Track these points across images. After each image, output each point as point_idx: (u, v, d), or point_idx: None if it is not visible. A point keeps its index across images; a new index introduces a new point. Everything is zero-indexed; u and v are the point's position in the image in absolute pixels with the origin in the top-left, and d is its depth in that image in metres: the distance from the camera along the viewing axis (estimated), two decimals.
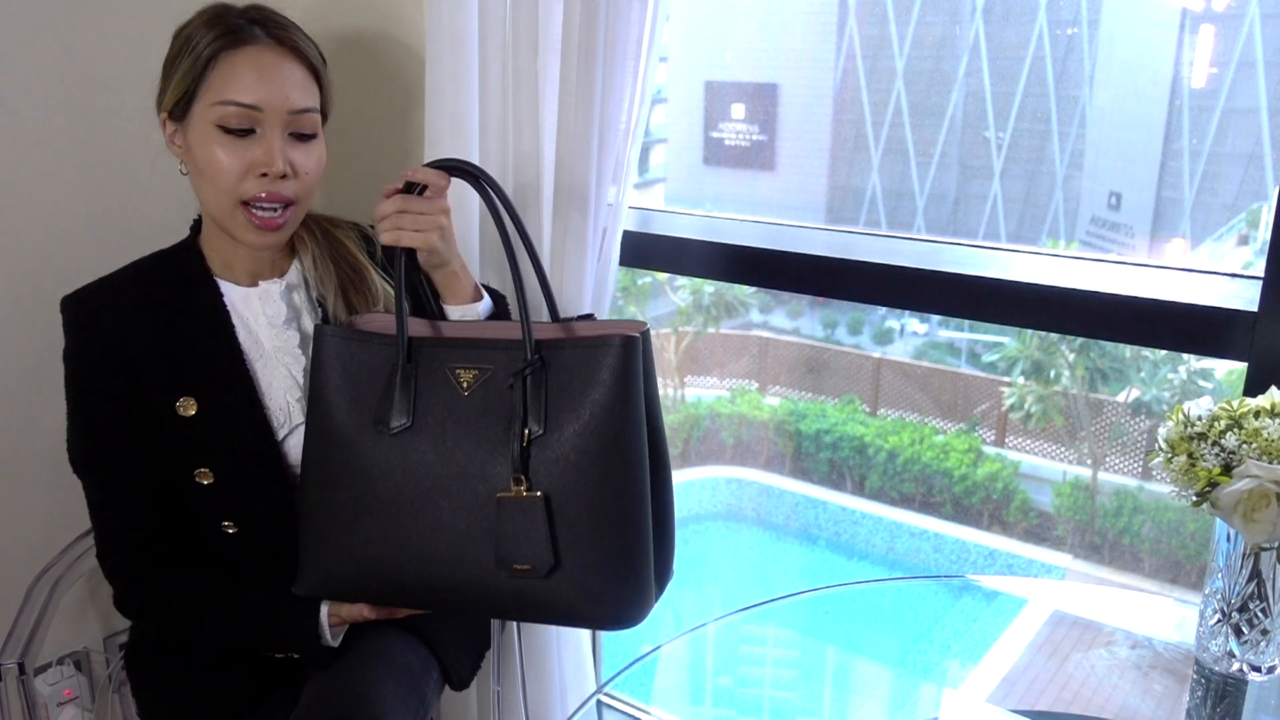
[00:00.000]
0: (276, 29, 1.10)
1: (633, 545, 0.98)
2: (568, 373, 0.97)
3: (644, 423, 0.98)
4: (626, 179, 1.31)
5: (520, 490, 0.95)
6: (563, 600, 0.98)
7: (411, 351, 1.00)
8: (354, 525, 1.00)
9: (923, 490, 7.83)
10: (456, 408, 0.98)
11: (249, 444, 1.14)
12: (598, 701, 1.15)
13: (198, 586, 1.13)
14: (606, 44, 1.21)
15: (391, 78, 1.56)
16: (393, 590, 1.03)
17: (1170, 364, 7.05)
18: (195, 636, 1.16)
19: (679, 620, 1.35)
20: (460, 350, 1.00)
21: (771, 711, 1.41)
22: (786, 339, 8.94)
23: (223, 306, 1.16)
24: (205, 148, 1.08)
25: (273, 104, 1.08)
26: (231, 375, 1.14)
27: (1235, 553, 0.95)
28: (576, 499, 0.96)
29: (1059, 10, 7.27)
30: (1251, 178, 6.52)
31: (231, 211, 1.10)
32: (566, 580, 0.97)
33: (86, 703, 1.54)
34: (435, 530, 0.98)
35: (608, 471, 0.96)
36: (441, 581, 1.00)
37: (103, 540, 1.15)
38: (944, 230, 7.90)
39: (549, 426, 0.96)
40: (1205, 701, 1.01)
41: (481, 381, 0.98)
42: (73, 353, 1.13)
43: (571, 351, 0.97)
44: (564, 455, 0.96)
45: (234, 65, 1.07)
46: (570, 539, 0.96)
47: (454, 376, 0.99)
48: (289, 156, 1.09)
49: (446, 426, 0.98)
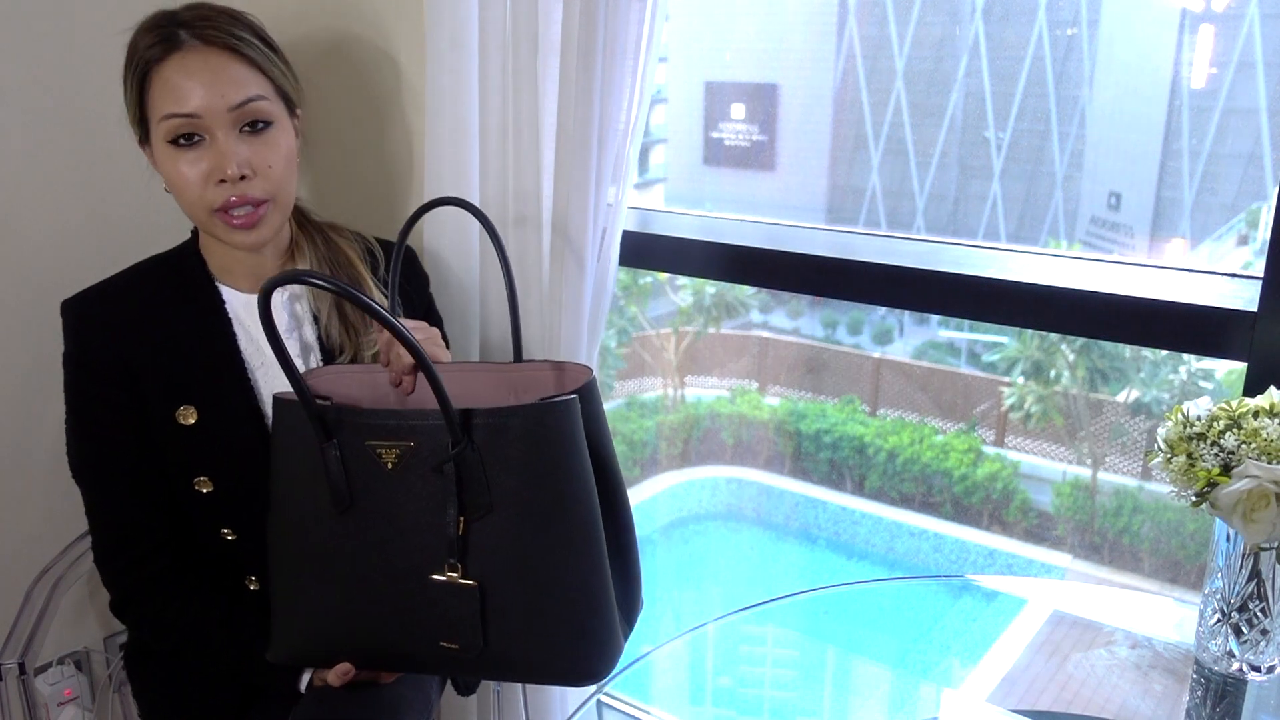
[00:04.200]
0: (206, 28, 1.06)
1: (589, 608, 0.94)
2: (498, 448, 0.91)
3: (590, 480, 0.94)
4: (626, 179, 1.31)
5: (454, 576, 0.92)
6: (520, 662, 0.96)
7: (330, 428, 0.94)
8: (317, 600, 0.98)
9: (922, 490, 7.82)
10: (388, 485, 0.93)
11: (249, 453, 1.13)
12: (598, 701, 1.15)
13: (197, 615, 1.13)
14: (606, 44, 1.21)
15: (379, 82, 1.56)
16: (362, 659, 1.03)
17: (1171, 364, 7.04)
18: (186, 656, 1.16)
19: (679, 620, 1.35)
20: (376, 426, 0.93)
21: (771, 711, 1.41)
22: (786, 339, 8.93)
23: (224, 313, 1.15)
24: (167, 165, 1.07)
25: (210, 106, 1.05)
26: (232, 384, 1.13)
27: (1235, 553, 0.95)
28: (519, 577, 0.92)
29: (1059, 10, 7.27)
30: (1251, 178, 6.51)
31: (209, 219, 1.09)
32: (522, 648, 0.94)
33: (86, 703, 1.54)
34: (385, 605, 0.96)
35: (553, 544, 0.92)
36: (400, 651, 0.99)
37: (101, 549, 1.14)
38: (944, 230, 7.89)
39: (484, 508, 0.91)
40: (1205, 701, 1.01)
41: (406, 459, 0.92)
42: (72, 358, 1.12)
43: (498, 423, 0.91)
44: (502, 535, 0.92)
45: (165, 76, 1.05)
46: (513, 618, 0.93)
47: (375, 455, 0.93)
48: (245, 155, 1.07)
49: (379, 504, 0.94)
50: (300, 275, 0.83)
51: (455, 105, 1.33)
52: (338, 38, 1.58)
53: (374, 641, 0.99)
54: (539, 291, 1.37)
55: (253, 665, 1.12)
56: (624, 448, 7.86)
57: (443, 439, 0.90)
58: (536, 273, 1.36)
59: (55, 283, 1.19)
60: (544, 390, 1.05)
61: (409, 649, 0.98)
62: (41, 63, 1.37)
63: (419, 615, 0.95)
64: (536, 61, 1.28)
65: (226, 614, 1.13)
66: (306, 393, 0.92)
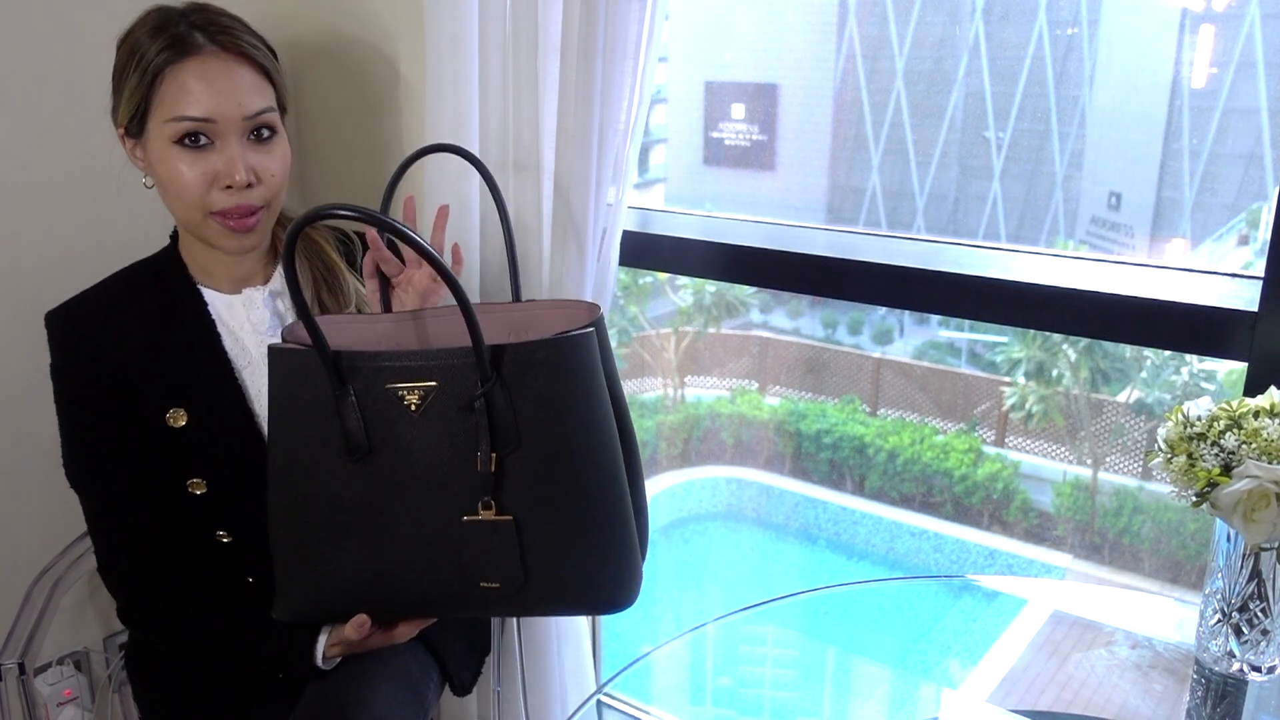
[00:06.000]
0: (220, 34, 1.07)
1: (614, 538, 0.96)
2: (525, 383, 0.91)
3: (610, 413, 0.95)
4: (626, 179, 1.31)
5: (488, 514, 0.92)
6: (553, 595, 0.96)
7: (344, 374, 0.92)
8: (332, 554, 0.97)
9: (923, 490, 7.82)
10: (411, 428, 0.92)
11: (240, 453, 1.13)
12: (598, 701, 1.15)
13: (202, 608, 1.12)
14: (606, 43, 1.21)
15: (379, 82, 1.56)
16: (384, 609, 1.01)
17: (1173, 365, 7.04)
18: (195, 651, 1.15)
19: (679, 620, 1.35)
20: (397, 369, 0.91)
21: (771, 711, 1.41)
22: (786, 339, 8.93)
23: (207, 315, 1.15)
24: (166, 164, 1.07)
25: (226, 113, 1.06)
26: (220, 385, 1.14)
27: (1235, 553, 0.95)
28: (549, 510, 0.93)
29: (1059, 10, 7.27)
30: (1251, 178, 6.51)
31: (203, 222, 1.09)
32: (557, 580, 0.95)
33: (86, 703, 1.54)
34: (407, 552, 0.95)
35: (580, 476, 0.93)
36: (429, 597, 0.98)
37: (104, 555, 1.14)
38: (944, 230, 7.90)
39: (514, 442, 0.91)
40: (1205, 701, 1.01)
41: (430, 400, 0.92)
42: (60, 369, 1.13)
43: (524, 358, 0.90)
44: (531, 469, 0.92)
45: (182, 79, 1.05)
46: (547, 550, 0.93)
47: (398, 397, 0.92)
48: (251, 163, 1.08)
49: (400, 449, 0.93)
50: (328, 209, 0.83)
51: (455, 105, 1.33)
52: (338, 37, 1.58)
53: (399, 590, 0.97)
54: (539, 291, 1.37)
55: (263, 649, 1.12)
56: None
57: (467, 377, 0.89)
58: (537, 273, 1.37)
59: (56, 283, 1.19)
60: (547, 328, 1.04)
61: (439, 594, 0.97)
62: (37, 68, 1.37)
63: (452, 559, 0.94)
64: (536, 61, 1.28)
65: (228, 610, 1.13)
66: (322, 339, 0.90)
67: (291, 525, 0.99)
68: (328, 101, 1.64)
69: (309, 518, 0.97)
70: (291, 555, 0.99)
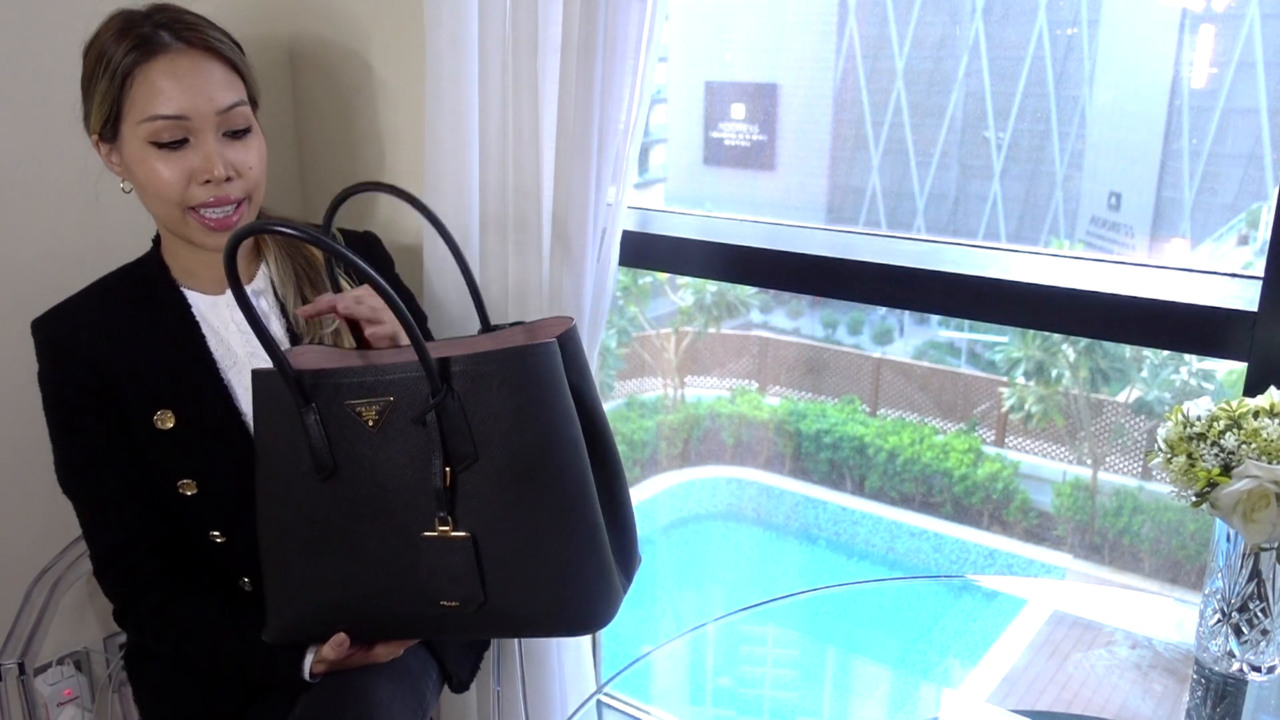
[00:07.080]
0: (186, 30, 1.07)
1: (578, 556, 0.93)
2: (479, 396, 0.90)
3: (575, 426, 0.93)
4: (626, 179, 1.31)
5: (445, 530, 0.91)
6: (516, 615, 0.95)
7: (307, 393, 0.92)
8: (309, 573, 0.97)
9: (923, 490, 7.82)
10: (371, 445, 0.92)
11: (229, 453, 1.13)
12: (598, 701, 1.15)
13: (194, 617, 1.12)
14: (606, 43, 1.21)
15: (378, 82, 1.56)
16: (360, 629, 1.01)
17: (1173, 365, 7.04)
18: (186, 659, 1.15)
19: (679, 620, 1.35)
20: (353, 384, 0.91)
21: (771, 711, 1.41)
22: (786, 339, 8.93)
23: (191, 316, 1.15)
24: (143, 165, 1.07)
25: (199, 109, 1.06)
26: (206, 385, 1.14)
27: (1235, 553, 0.95)
28: (509, 527, 0.91)
29: (1059, 10, 7.27)
30: (1251, 178, 6.51)
31: (182, 220, 1.09)
32: (522, 600, 0.93)
33: (86, 703, 1.54)
34: (375, 571, 0.95)
35: (542, 491, 0.91)
36: (399, 616, 0.97)
37: (99, 559, 1.14)
38: (944, 230, 7.89)
39: (469, 457, 0.90)
40: (1205, 701, 1.01)
41: (386, 416, 0.91)
42: (48, 376, 1.13)
43: (476, 370, 0.90)
44: (490, 484, 0.91)
45: (152, 78, 1.05)
46: (510, 569, 0.92)
47: (356, 414, 0.92)
48: (227, 158, 1.08)
49: (363, 466, 0.93)
50: (264, 226, 0.83)
51: (455, 105, 1.33)
52: (337, 37, 1.58)
53: (371, 609, 0.97)
54: (539, 292, 1.37)
55: (252, 661, 1.12)
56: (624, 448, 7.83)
57: (422, 390, 0.89)
58: (536, 273, 1.37)
59: (55, 282, 1.19)
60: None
61: (408, 612, 0.96)
62: (38, 69, 1.37)
63: (415, 576, 0.93)
64: (536, 61, 1.28)
65: (222, 612, 1.13)
66: (281, 357, 0.91)
67: (277, 547, 0.99)
68: (327, 101, 1.64)
69: (291, 538, 0.97)
70: (277, 577, 1.00)
